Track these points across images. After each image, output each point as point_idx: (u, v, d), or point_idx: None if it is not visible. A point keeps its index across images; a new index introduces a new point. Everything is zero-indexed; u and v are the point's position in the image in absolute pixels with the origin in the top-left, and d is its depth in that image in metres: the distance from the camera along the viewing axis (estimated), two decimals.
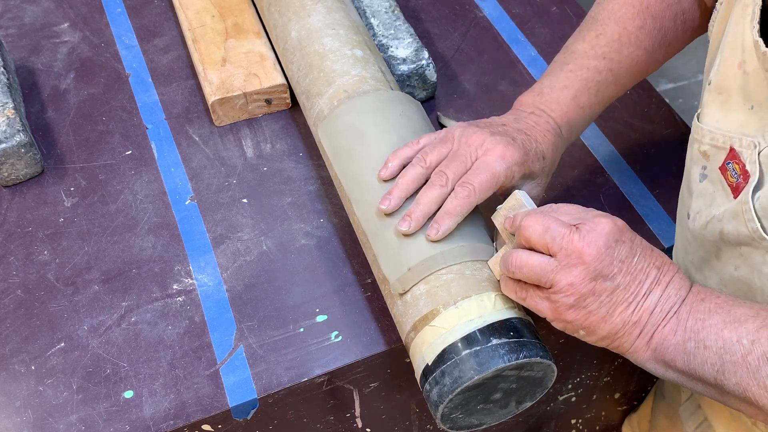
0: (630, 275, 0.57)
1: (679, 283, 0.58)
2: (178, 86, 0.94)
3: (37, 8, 1.04)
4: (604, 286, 0.56)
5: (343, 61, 0.79)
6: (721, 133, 0.60)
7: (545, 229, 0.57)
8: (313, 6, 0.85)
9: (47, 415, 0.68)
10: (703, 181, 0.63)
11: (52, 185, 0.85)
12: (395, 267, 0.65)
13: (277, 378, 0.70)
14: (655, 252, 0.59)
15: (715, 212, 0.61)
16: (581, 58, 0.73)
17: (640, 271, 0.57)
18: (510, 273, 0.60)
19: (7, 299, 0.76)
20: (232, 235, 0.81)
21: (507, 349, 0.59)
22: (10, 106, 0.83)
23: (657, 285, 0.57)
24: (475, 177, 0.65)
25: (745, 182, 0.57)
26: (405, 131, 0.72)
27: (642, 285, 0.57)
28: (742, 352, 0.53)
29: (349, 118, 0.74)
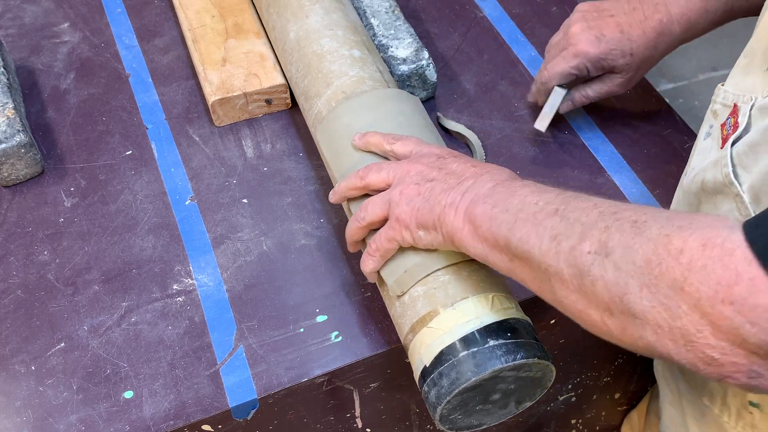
0: (448, 174, 0.62)
1: (496, 174, 0.61)
2: (178, 86, 0.95)
3: (37, 8, 1.04)
4: (427, 186, 0.62)
5: (341, 62, 0.79)
6: (732, 92, 0.62)
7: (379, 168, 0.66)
8: (311, 7, 0.85)
9: (47, 416, 0.68)
10: (706, 139, 0.65)
11: (52, 185, 0.85)
12: (392, 269, 0.65)
13: (277, 378, 0.70)
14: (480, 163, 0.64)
15: (704, 164, 0.63)
16: None
17: (457, 171, 0.63)
18: (362, 219, 0.66)
19: (7, 299, 0.76)
20: (232, 235, 0.81)
21: (504, 350, 0.59)
22: (10, 106, 0.84)
23: (472, 177, 0.61)
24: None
25: (733, 133, 0.60)
26: (401, 129, 0.72)
27: (459, 178, 0.62)
28: (534, 210, 0.54)
29: (346, 119, 0.74)
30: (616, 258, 0.47)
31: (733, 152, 0.60)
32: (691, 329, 0.43)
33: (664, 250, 0.45)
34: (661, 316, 0.45)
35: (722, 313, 0.42)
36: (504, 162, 0.87)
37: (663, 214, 0.48)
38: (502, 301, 0.63)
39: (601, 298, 0.48)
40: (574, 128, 0.91)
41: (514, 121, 0.91)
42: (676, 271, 0.44)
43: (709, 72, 2.04)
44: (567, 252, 0.50)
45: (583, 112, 0.93)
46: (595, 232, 0.49)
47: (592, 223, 0.50)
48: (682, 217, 0.46)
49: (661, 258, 0.45)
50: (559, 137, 0.90)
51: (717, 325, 0.42)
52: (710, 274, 0.42)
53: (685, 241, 0.44)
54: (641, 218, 0.48)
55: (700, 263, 0.43)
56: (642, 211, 0.49)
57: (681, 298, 0.43)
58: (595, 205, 0.51)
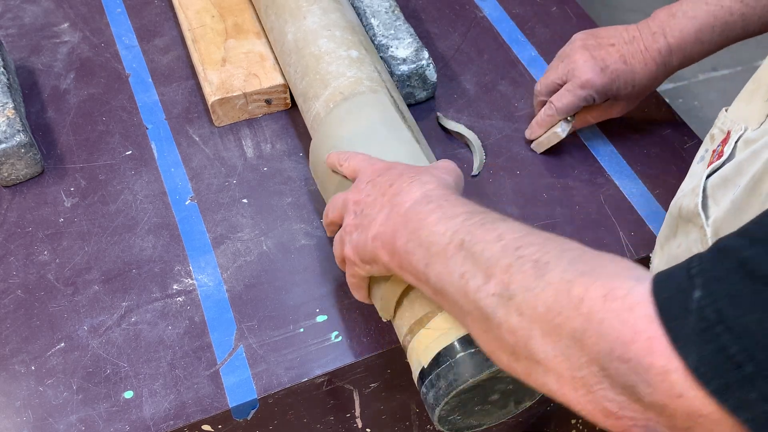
0: (375, 199, 0.60)
1: (413, 191, 0.58)
2: (178, 86, 0.95)
3: (37, 8, 1.04)
4: (360, 218, 0.61)
5: (339, 63, 0.79)
6: (731, 119, 0.62)
7: (333, 204, 0.66)
8: (308, 8, 0.84)
9: (47, 416, 0.68)
10: (699, 163, 0.65)
11: (52, 185, 0.85)
12: (375, 296, 0.66)
13: (277, 378, 0.70)
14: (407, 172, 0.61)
15: (686, 189, 0.63)
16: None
17: (381, 192, 0.60)
18: (335, 257, 0.66)
19: (7, 299, 0.76)
20: (232, 235, 0.81)
21: None
22: (10, 106, 0.84)
23: (388, 202, 0.59)
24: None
25: (716, 161, 0.59)
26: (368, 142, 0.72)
27: (382, 203, 0.59)
28: (444, 243, 0.52)
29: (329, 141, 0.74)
30: (518, 302, 0.45)
31: (707, 182, 0.59)
32: (591, 381, 0.41)
33: (564, 298, 0.43)
34: (563, 366, 0.43)
35: (618, 370, 0.40)
36: (504, 162, 0.87)
37: (567, 255, 0.45)
38: None
39: (506, 341, 0.47)
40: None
41: (514, 121, 0.91)
42: (576, 322, 0.42)
43: (709, 72, 2.04)
44: (474, 292, 0.48)
45: None
46: (498, 271, 0.47)
47: (495, 259, 0.48)
48: (587, 260, 0.44)
49: (561, 306, 0.43)
50: None
51: (614, 380, 0.40)
52: (608, 329, 0.40)
53: (586, 290, 0.42)
54: (543, 258, 0.46)
55: (599, 316, 0.41)
56: (546, 247, 0.47)
57: (581, 349, 0.41)
58: (499, 237, 0.49)
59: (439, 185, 0.58)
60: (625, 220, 0.82)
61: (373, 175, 0.62)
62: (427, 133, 0.89)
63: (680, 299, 0.38)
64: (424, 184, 0.58)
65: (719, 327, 0.36)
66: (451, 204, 0.55)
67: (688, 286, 0.38)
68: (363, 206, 0.61)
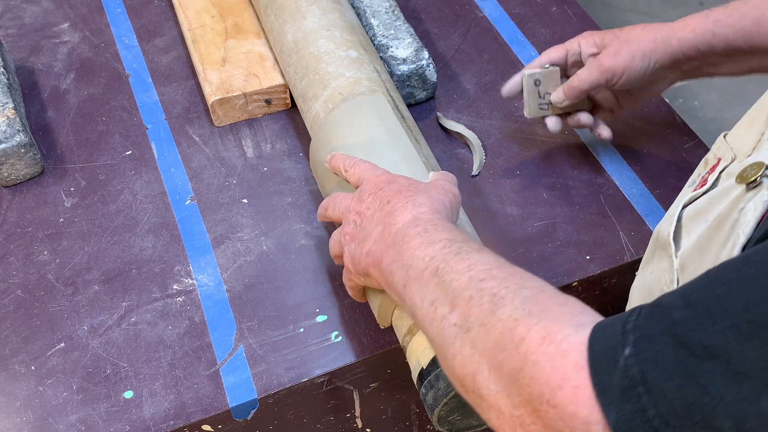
0: (373, 214, 0.61)
1: (408, 211, 0.58)
2: (178, 86, 0.95)
3: (37, 8, 1.04)
4: (358, 229, 0.62)
5: (338, 63, 0.79)
6: (726, 146, 0.60)
7: (334, 203, 0.67)
8: (308, 8, 0.84)
9: (47, 416, 0.68)
10: (689, 187, 0.64)
11: (52, 185, 0.85)
12: (372, 303, 0.67)
13: (277, 378, 0.70)
14: (405, 189, 0.61)
15: (670, 212, 0.62)
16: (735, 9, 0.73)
17: (378, 208, 0.61)
18: (330, 253, 0.68)
19: (7, 299, 0.76)
20: (232, 235, 0.81)
21: None
22: (10, 106, 0.84)
23: (381, 221, 0.60)
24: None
25: (698, 189, 0.59)
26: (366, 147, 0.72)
27: (378, 218, 0.60)
28: (421, 268, 0.53)
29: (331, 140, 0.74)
30: (473, 335, 0.46)
31: (683, 212, 0.59)
32: (527, 420, 0.42)
33: (509, 336, 0.43)
34: (504, 402, 0.43)
35: (548, 414, 0.40)
36: (504, 162, 0.87)
37: (523, 292, 0.46)
38: None
39: (458, 372, 0.47)
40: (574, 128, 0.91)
41: (514, 121, 0.91)
42: (515, 361, 0.42)
43: None
44: (440, 320, 0.49)
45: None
46: (461, 302, 0.48)
47: (460, 290, 0.49)
48: (539, 300, 0.45)
49: (506, 343, 0.43)
50: (559, 137, 0.90)
51: (545, 422, 0.41)
52: (540, 372, 0.41)
53: (528, 330, 0.43)
54: (501, 292, 0.46)
55: (534, 357, 0.41)
56: (507, 282, 0.47)
57: (518, 388, 0.42)
58: (469, 267, 0.50)
59: (431, 209, 0.59)
60: (625, 220, 0.82)
61: (375, 187, 0.63)
62: (427, 133, 0.89)
63: (611, 353, 0.38)
64: (417, 206, 0.59)
65: (641, 388, 0.37)
66: (436, 229, 0.56)
67: (621, 342, 0.38)
68: (362, 219, 0.62)
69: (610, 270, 0.78)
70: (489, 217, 0.82)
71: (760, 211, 0.50)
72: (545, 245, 0.80)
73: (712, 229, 0.54)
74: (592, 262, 0.78)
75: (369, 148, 0.71)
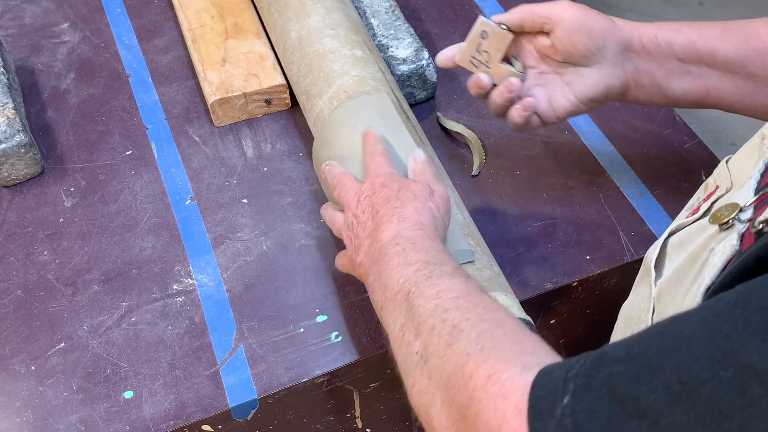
0: (360, 227, 0.62)
1: (392, 226, 0.58)
2: (178, 86, 0.95)
3: (37, 8, 1.04)
4: (353, 237, 0.63)
5: (343, 62, 0.79)
6: (726, 174, 0.58)
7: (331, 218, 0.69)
8: (312, 6, 0.85)
9: (47, 416, 0.68)
10: (686, 210, 0.62)
11: (52, 185, 0.85)
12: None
13: (277, 378, 0.70)
14: (393, 199, 0.61)
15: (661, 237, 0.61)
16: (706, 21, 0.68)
17: (367, 221, 0.61)
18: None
19: (7, 299, 0.76)
20: (232, 235, 0.81)
21: None
22: (10, 106, 0.83)
23: (370, 235, 0.60)
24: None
25: (690, 216, 0.57)
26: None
27: (369, 229, 0.60)
28: (396, 290, 0.53)
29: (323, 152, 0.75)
30: (431, 366, 0.46)
31: (670, 239, 0.58)
32: None
33: (460, 371, 0.43)
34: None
35: None
36: (504, 162, 0.87)
37: (481, 326, 0.45)
38: (504, 300, 0.63)
39: (416, 402, 0.47)
40: (574, 128, 0.91)
41: None
42: (464, 397, 0.42)
43: None
44: (406, 346, 0.49)
45: None
46: (425, 330, 0.48)
47: (425, 317, 0.48)
48: (495, 336, 0.44)
49: (457, 378, 0.43)
50: (559, 137, 0.90)
51: None
52: (483, 411, 0.40)
53: (477, 367, 0.42)
54: (461, 324, 0.46)
55: (479, 395, 0.41)
56: (469, 314, 0.47)
57: (465, 426, 0.42)
58: (437, 294, 0.50)
59: (415, 223, 0.58)
60: (625, 220, 0.82)
61: (370, 190, 0.62)
62: (427, 133, 0.89)
63: (550, 400, 0.38)
64: (402, 221, 0.58)
65: None
66: (414, 249, 0.55)
67: (562, 389, 0.38)
68: (358, 223, 0.62)
69: (610, 270, 0.78)
70: (489, 217, 0.82)
71: (727, 254, 0.48)
72: (545, 245, 0.80)
73: (687, 263, 0.53)
74: (592, 262, 0.78)
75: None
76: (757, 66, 0.64)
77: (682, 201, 0.84)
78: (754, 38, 0.64)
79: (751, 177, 0.53)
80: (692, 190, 0.85)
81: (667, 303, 0.54)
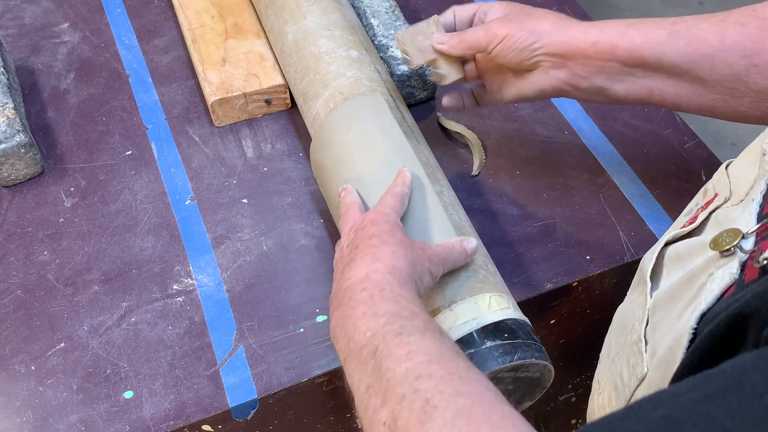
0: (341, 260, 0.60)
1: (355, 268, 0.57)
2: (178, 86, 0.95)
3: (37, 8, 1.04)
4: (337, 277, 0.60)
5: (339, 63, 0.79)
6: (725, 181, 0.56)
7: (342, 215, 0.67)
8: (308, 7, 0.84)
9: (47, 416, 0.68)
10: (685, 216, 0.61)
11: (52, 185, 0.85)
12: None
13: (277, 378, 0.70)
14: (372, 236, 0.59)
15: (658, 246, 0.59)
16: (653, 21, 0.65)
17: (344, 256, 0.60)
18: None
19: (7, 299, 0.76)
20: (232, 235, 0.81)
21: (501, 351, 0.59)
22: (10, 106, 0.84)
23: (347, 278, 0.57)
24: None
25: (686, 226, 0.56)
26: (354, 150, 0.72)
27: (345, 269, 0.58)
28: (362, 344, 0.50)
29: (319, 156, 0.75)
30: None
31: (667, 250, 0.56)
32: None
33: None
34: None
35: None
36: (504, 162, 0.87)
37: (458, 403, 0.43)
38: (500, 301, 0.63)
39: None
40: (574, 128, 0.91)
41: (514, 121, 0.91)
42: None
43: None
44: (372, 413, 0.47)
45: (583, 112, 0.93)
46: (394, 399, 0.45)
47: (394, 384, 0.46)
48: (472, 416, 0.42)
49: None
50: (559, 137, 0.90)
51: None
52: None
53: None
54: (434, 399, 0.44)
55: None
56: (442, 386, 0.44)
57: None
58: (407, 356, 0.47)
59: (387, 266, 0.56)
60: (625, 220, 0.82)
61: (362, 223, 0.61)
62: (427, 133, 0.89)
63: None
64: (374, 262, 0.56)
65: None
66: (383, 297, 0.53)
67: None
68: (340, 257, 0.61)
69: (610, 270, 0.78)
70: (489, 217, 0.82)
71: (726, 282, 0.47)
72: (545, 245, 0.80)
73: (684, 282, 0.52)
74: (592, 262, 0.78)
75: (367, 150, 0.71)
76: (705, 70, 0.62)
77: (682, 201, 0.84)
78: (702, 42, 0.62)
79: (752, 199, 0.51)
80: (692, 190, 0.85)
81: (662, 317, 0.53)
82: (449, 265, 0.62)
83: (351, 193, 0.69)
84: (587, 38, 0.66)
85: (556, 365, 0.62)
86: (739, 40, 0.60)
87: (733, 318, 0.42)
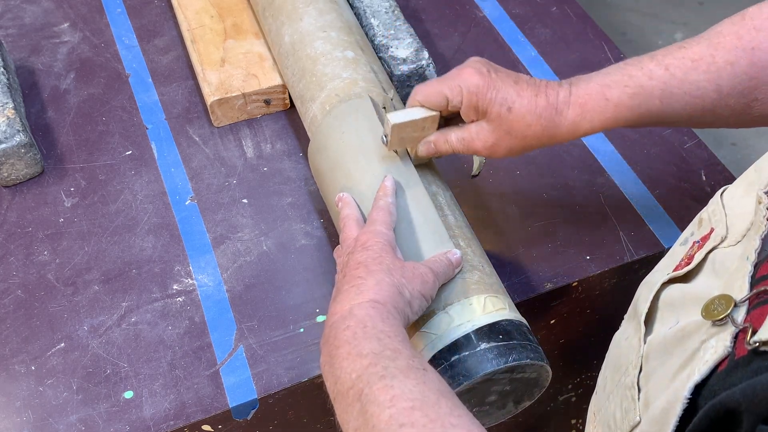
0: (339, 280, 0.61)
1: (339, 302, 0.57)
2: (178, 86, 0.95)
3: (37, 8, 1.04)
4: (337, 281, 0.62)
5: (334, 65, 0.79)
6: (721, 214, 0.54)
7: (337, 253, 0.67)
8: (305, 9, 0.84)
9: (47, 416, 0.68)
10: (682, 245, 0.58)
11: (52, 185, 0.85)
12: None
13: (277, 378, 0.70)
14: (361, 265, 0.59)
15: (654, 276, 0.58)
16: (648, 58, 0.65)
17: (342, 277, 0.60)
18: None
19: (7, 299, 0.76)
20: (232, 235, 0.81)
21: (496, 353, 0.59)
22: (10, 106, 0.84)
23: (333, 298, 0.59)
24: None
25: (683, 267, 0.54)
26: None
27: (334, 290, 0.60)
28: (347, 386, 0.51)
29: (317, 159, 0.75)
30: None
31: (663, 292, 0.55)
32: None
33: None
34: None
35: None
36: (504, 162, 0.87)
37: None
38: (495, 302, 0.62)
39: None
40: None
41: None
42: None
43: None
44: None
45: None
46: None
47: (380, 429, 0.47)
48: None
49: None
50: None
51: None
52: None
53: None
54: None
55: None
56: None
57: None
58: (392, 401, 0.48)
59: (372, 299, 0.56)
60: (625, 220, 0.82)
61: (354, 246, 0.62)
62: None
63: None
64: (358, 294, 0.56)
65: None
66: (366, 335, 0.53)
67: None
68: (338, 273, 0.62)
69: (610, 270, 0.78)
70: (489, 217, 0.82)
71: (720, 354, 0.45)
72: (545, 245, 0.80)
73: (677, 338, 0.50)
74: (592, 262, 0.78)
75: (360, 155, 0.71)
76: (707, 119, 0.64)
77: (682, 201, 0.84)
78: (698, 100, 0.62)
79: (746, 257, 0.48)
80: (692, 190, 0.85)
81: (654, 368, 0.52)
82: (441, 280, 0.63)
83: (348, 204, 0.69)
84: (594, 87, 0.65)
85: (556, 365, 0.62)
86: (735, 86, 0.61)
87: (723, 407, 0.41)
